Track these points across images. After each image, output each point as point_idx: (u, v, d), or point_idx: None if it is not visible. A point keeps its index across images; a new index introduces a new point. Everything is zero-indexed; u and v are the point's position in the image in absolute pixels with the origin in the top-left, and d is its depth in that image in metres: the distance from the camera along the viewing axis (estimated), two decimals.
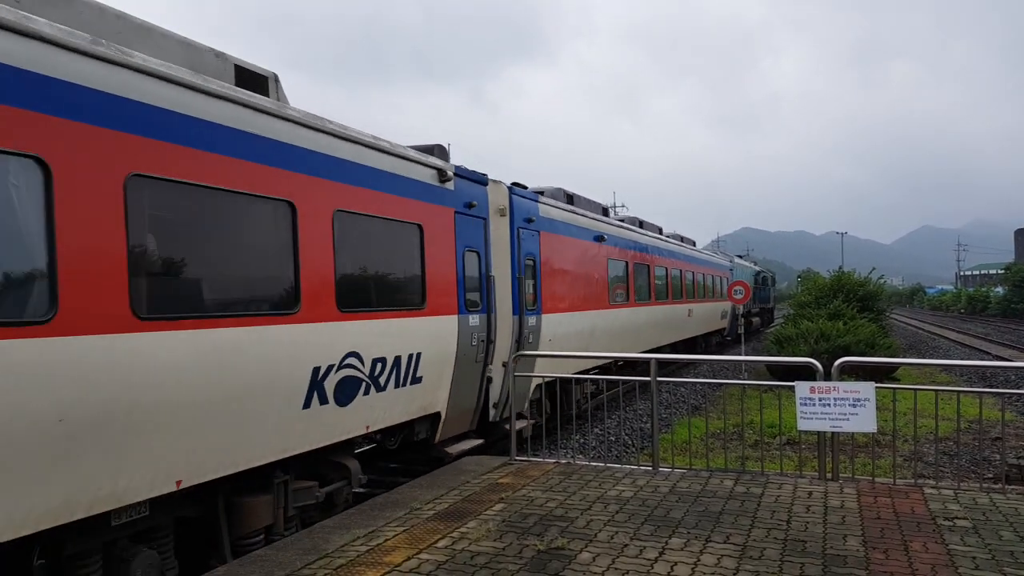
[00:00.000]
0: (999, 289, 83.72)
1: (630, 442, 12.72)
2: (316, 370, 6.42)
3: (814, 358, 7.67)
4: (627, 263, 16.33)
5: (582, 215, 14.01)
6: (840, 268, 29.58)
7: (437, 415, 8.62)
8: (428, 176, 8.53)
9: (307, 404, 6.34)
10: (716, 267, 27.81)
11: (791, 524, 5.82)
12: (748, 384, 10.92)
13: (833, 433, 7.15)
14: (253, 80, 6.49)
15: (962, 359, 27.64)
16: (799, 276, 72.85)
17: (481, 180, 10.01)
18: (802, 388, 7.05)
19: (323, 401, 6.53)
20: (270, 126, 6.16)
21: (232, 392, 5.53)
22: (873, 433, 7.21)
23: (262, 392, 5.83)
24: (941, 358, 28.51)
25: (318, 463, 7.01)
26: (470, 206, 9.41)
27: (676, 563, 5.01)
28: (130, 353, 4.76)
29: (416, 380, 8.01)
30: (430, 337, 8.29)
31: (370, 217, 7.35)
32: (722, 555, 5.15)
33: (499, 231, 10.49)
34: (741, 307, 23.38)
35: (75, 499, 4.46)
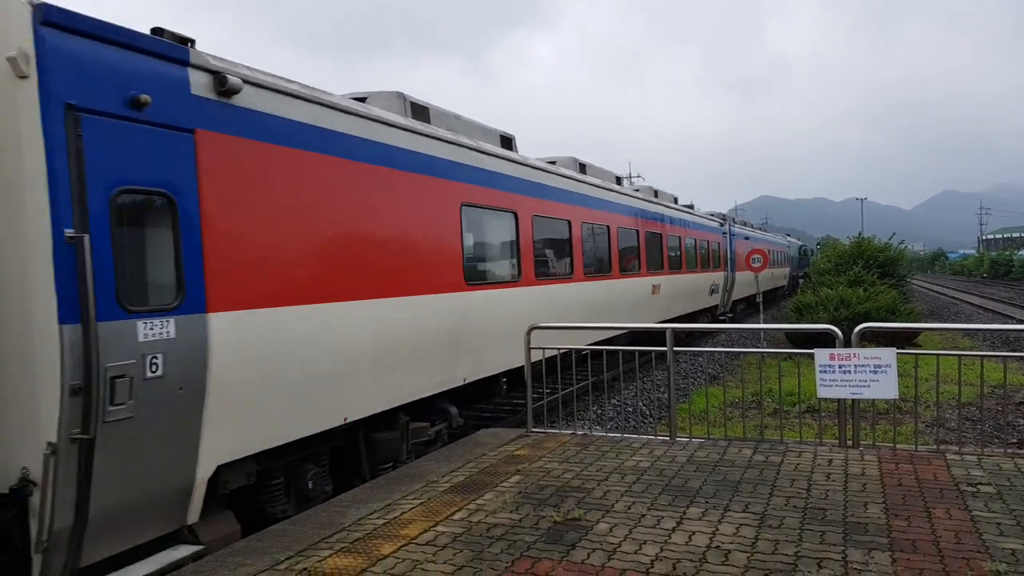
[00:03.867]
0: (1023, 252, 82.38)
1: (647, 412, 12.68)
2: (710, 284, 22.79)
3: (834, 325, 7.54)
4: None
5: (743, 227, 33.65)
6: (860, 234, 29.20)
7: (716, 307, 24.16)
8: (717, 225, 25.38)
9: (709, 294, 22.90)
10: (783, 246, 44.60)
11: (811, 492, 5.75)
12: (767, 352, 10.80)
13: (853, 400, 7.05)
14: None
15: (985, 323, 27.29)
16: (818, 243, 72.25)
17: (723, 220, 26.86)
18: (822, 355, 6.93)
19: (710, 294, 23.21)
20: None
21: (687, 291, 20.01)
22: (894, 400, 7.10)
23: (703, 290, 21.92)
24: (964, 323, 28.18)
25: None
26: (724, 233, 25.86)
27: (694, 533, 4.96)
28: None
29: (714, 294, 23.57)
30: (720, 279, 24.55)
31: (708, 243, 23.20)
32: (741, 524, 5.10)
33: (725, 240, 26.41)
34: (760, 275, 23.85)
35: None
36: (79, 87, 4.57)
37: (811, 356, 7.03)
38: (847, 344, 7.03)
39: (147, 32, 5.25)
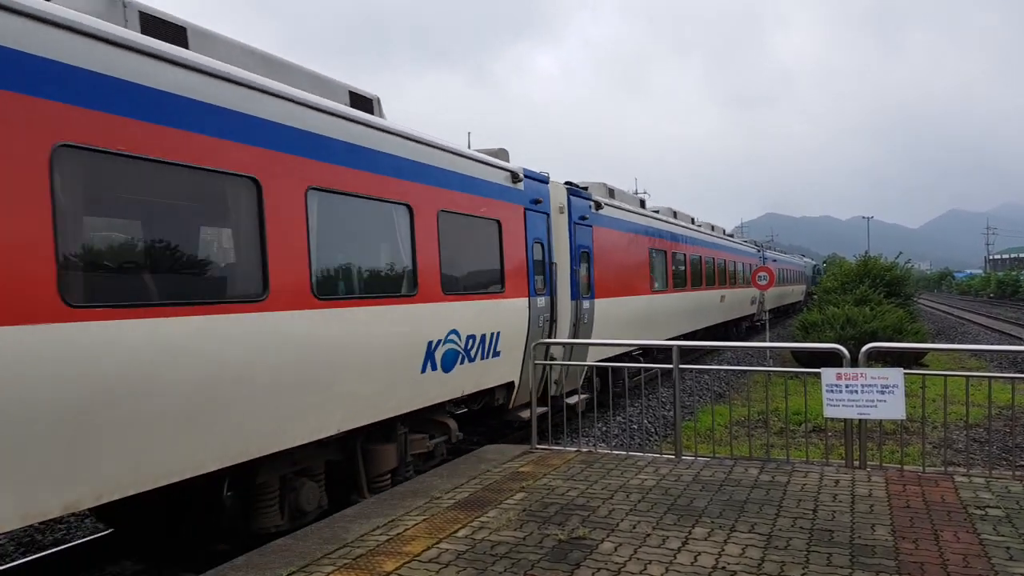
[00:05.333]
0: None
1: (653, 430, 12.62)
2: (750, 297, 28.51)
3: (841, 344, 7.51)
4: (786, 269, 38.07)
5: (771, 251, 41.50)
6: (866, 253, 29.15)
7: (753, 314, 30.16)
8: (754, 251, 32.04)
9: (750, 304, 28.90)
10: (800, 266, 52.02)
11: (818, 513, 5.70)
12: (773, 371, 10.73)
13: (860, 420, 7.00)
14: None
15: (992, 344, 27.13)
16: (824, 262, 72.27)
17: (757, 246, 34.66)
18: (828, 375, 6.90)
19: (751, 304, 29.12)
20: None
21: (738, 301, 26.30)
22: (902, 420, 7.05)
23: (747, 301, 27.94)
24: (971, 343, 28.02)
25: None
26: (759, 256, 31.72)
27: (699, 553, 4.92)
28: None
29: (753, 304, 29.31)
30: (757, 293, 28.34)
31: (749, 265, 29.24)
32: (747, 545, 5.05)
33: (759, 262, 30.85)
34: (765, 293, 23.82)
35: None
36: (574, 214, 11.69)
37: (817, 375, 7.00)
38: (854, 363, 6.99)
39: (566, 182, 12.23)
